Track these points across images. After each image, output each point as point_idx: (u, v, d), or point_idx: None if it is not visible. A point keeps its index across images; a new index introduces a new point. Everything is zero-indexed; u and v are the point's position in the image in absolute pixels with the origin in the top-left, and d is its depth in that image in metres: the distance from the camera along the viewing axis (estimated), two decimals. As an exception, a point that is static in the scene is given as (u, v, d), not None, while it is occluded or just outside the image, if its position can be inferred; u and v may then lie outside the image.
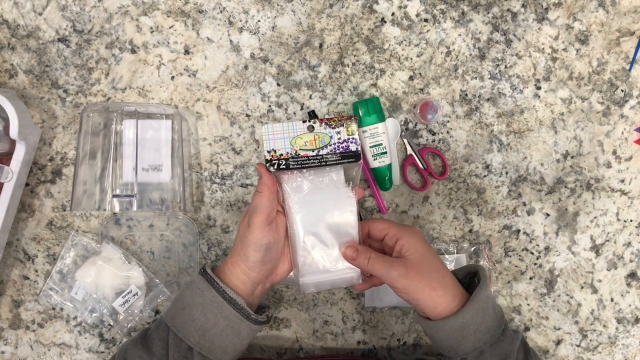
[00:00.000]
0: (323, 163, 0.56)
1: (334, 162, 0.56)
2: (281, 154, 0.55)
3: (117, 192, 0.67)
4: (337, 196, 0.57)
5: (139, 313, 0.73)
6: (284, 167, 0.55)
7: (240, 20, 0.72)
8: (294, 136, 0.56)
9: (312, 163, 0.56)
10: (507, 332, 0.57)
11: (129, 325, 0.73)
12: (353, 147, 0.56)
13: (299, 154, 0.56)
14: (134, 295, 0.72)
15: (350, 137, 0.56)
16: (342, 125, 0.56)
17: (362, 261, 0.55)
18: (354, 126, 0.56)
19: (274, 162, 0.55)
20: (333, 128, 0.56)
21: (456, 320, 0.54)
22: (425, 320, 0.57)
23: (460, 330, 0.54)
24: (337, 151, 0.56)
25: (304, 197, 0.56)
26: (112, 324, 0.73)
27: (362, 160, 0.56)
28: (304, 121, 0.56)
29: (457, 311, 0.54)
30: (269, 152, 0.55)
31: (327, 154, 0.56)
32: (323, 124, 0.56)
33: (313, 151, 0.56)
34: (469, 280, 0.60)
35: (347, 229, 0.57)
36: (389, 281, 0.55)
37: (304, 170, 0.56)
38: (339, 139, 0.56)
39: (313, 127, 0.56)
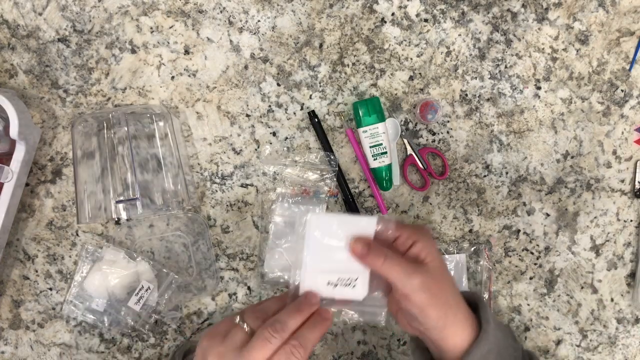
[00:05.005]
0: None
1: None
2: None
3: (120, 198, 0.67)
4: None
5: (156, 306, 0.72)
6: None
7: (240, 20, 0.72)
8: None
9: None
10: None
11: (151, 320, 0.73)
12: None
13: None
14: (147, 290, 0.71)
15: None
16: None
17: (374, 260, 0.45)
18: None
19: None
20: None
21: (479, 349, 0.48)
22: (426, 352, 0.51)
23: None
24: None
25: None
26: (134, 325, 0.72)
27: None
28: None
29: (474, 342, 0.48)
30: None
31: None
32: None
33: None
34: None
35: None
36: (406, 290, 0.45)
37: None
38: None
39: None
